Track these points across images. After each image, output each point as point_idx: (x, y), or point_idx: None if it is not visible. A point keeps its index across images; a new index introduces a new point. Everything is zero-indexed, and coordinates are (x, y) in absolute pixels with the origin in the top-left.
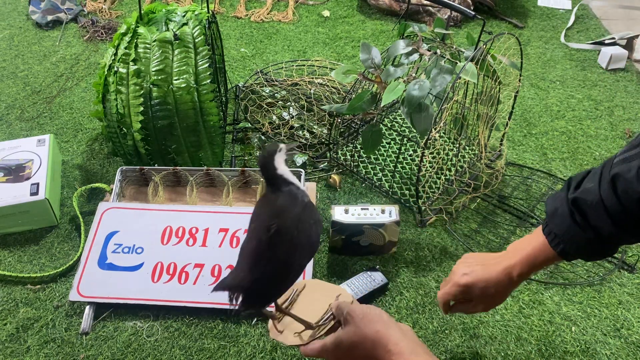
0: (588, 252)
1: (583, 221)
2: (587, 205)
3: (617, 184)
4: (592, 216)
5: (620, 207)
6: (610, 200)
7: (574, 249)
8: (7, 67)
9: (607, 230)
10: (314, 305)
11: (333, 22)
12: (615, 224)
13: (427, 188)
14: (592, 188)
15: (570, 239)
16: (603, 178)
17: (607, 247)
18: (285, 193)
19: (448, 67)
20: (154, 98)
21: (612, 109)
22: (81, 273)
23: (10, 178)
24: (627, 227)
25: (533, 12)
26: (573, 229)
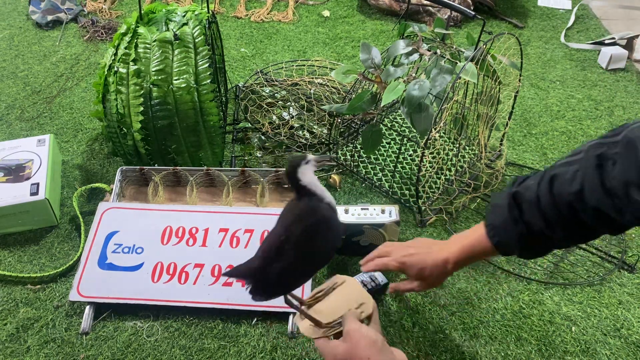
0: (520, 246)
1: (518, 215)
2: (523, 200)
3: (554, 184)
4: (526, 211)
5: (552, 206)
6: (545, 198)
7: (508, 242)
8: (7, 67)
9: (538, 226)
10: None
11: (333, 22)
12: (545, 221)
13: (427, 188)
14: (531, 185)
15: (505, 231)
16: (544, 178)
17: (537, 245)
18: (305, 203)
19: (448, 67)
20: (154, 98)
21: (612, 109)
22: (81, 273)
23: (10, 178)
24: (556, 227)
25: (533, 12)
26: (508, 221)
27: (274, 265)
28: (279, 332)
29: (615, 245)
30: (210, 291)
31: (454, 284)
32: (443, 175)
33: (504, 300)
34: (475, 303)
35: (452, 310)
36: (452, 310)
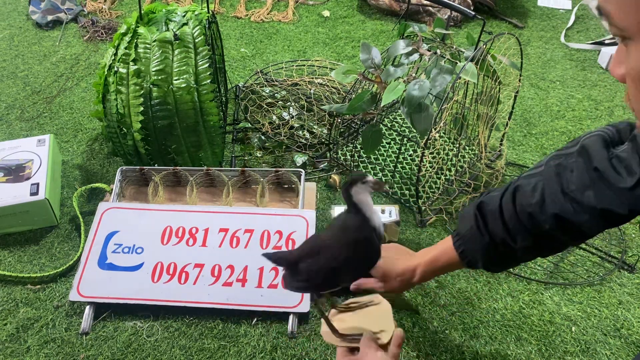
0: (484, 256)
1: (483, 224)
2: (488, 210)
3: (516, 195)
4: (490, 220)
5: (514, 216)
6: (507, 208)
7: (472, 252)
8: (7, 67)
9: (500, 236)
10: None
11: (333, 22)
12: (507, 231)
13: (427, 188)
14: (495, 196)
15: (470, 240)
16: (508, 189)
17: (500, 256)
18: (352, 219)
19: (448, 67)
20: (154, 98)
21: (612, 109)
22: (81, 273)
23: (10, 178)
24: (517, 236)
25: (533, 12)
26: (474, 231)
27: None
28: (279, 332)
29: (615, 245)
30: (210, 291)
31: (454, 284)
32: (443, 175)
33: (504, 300)
34: (475, 303)
35: (452, 310)
36: (452, 310)
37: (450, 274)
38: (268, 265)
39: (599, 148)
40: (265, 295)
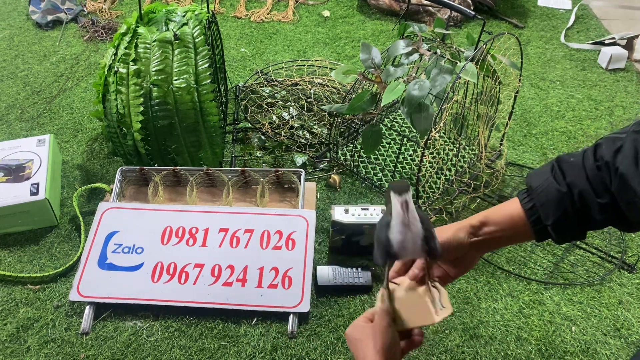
0: (557, 212)
1: (561, 176)
2: (567, 163)
3: (597, 150)
4: (569, 172)
5: (595, 169)
6: (589, 161)
7: (545, 206)
8: (7, 67)
9: (580, 186)
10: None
11: (333, 22)
12: (589, 181)
13: (427, 188)
14: (576, 153)
15: (543, 192)
16: (589, 148)
17: (576, 213)
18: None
19: (448, 67)
20: (154, 98)
21: (612, 109)
22: (81, 273)
23: (10, 178)
24: (599, 189)
25: (533, 12)
26: (549, 182)
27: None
28: (279, 332)
29: (615, 245)
30: (210, 291)
31: (454, 284)
32: (443, 175)
33: (504, 300)
34: (475, 303)
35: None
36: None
37: None
38: (268, 265)
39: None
40: (265, 295)
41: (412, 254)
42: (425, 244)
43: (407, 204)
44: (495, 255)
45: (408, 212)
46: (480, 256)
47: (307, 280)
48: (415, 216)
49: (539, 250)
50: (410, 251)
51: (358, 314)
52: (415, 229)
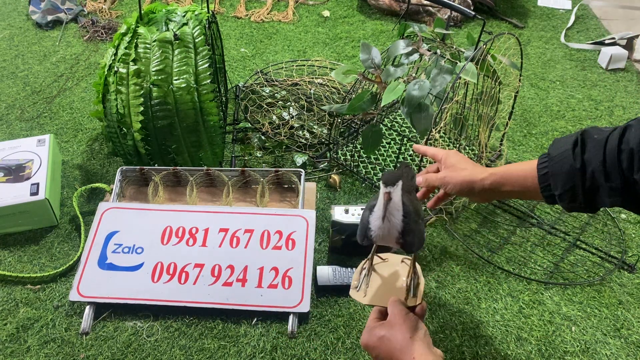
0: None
1: (580, 150)
2: (591, 139)
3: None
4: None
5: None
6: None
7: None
8: (7, 67)
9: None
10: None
11: (333, 22)
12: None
13: None
14: (605, 130)
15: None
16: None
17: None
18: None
19: (448, 67)
20: (154, 98)
21: (612, 109)
22: (81, 273)
23: (10, 178)
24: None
25: (533, 12)
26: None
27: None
28: (279, 332)
29: (615, 245)
30: (210, 291)
31: (454, 284)
32: None
33: (504, 300)
34: (475, 303)
35: (452, 310)
36: (452, 310)
37: (450, 274)
38: (268, 265)
39: None
40: (265, 295)
41: (386, 242)
42: (401, 237)
43: (390, 195)
44: (495, 255)
45: (390, 204)
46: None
47: (307, 280)
48: (398, 208)
49: (539, 250)
50: (386, 239)
51: (358, 314)
52: (395, 220)
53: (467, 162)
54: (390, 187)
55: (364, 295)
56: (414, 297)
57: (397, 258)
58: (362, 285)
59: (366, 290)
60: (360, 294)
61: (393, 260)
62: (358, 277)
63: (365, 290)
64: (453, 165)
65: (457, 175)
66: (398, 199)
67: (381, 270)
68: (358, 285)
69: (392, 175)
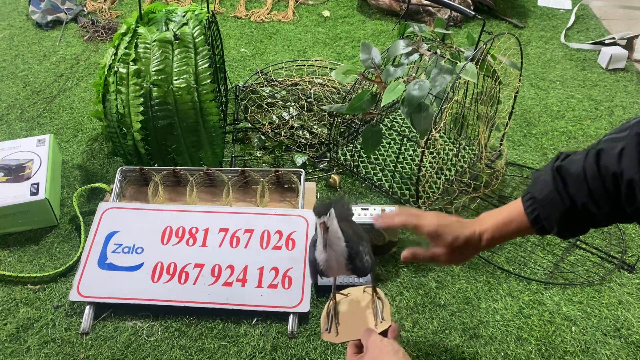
0: (560, 223)
1: (563, 188)
2: (569, 174)
3: (600, 158)
4: (571, 184)
5: (598, 179)
6: (590, 170)
7: (548, 218)
8: (7, 67)
9: (582, 200)
10: (368, 318)
11: (333, 22)
12: (591, 194)
13: (427, 188)
14: (577, 159)
15: (547, 205)
16: (589, 152)
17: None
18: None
19: (448, 67)
20: (154, 98)
21: (612, 109)
22: (81, 273)
23: (10, 178)
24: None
25: (533, 12)
26: (552, 195)
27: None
28: (279, 332)
29: (615, 245)
30: (210, 291)
31: (454, 284)
32: (443, 175)
33: (504, 300)
34: (475, 303)
35: (452, 310)
36: (452, 310)
37: (450, 273)
38: (268, 265)
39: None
40: (265, 295)
41: (338, 272)
42: (350, 262)
43: (326, 225)
44: (495, 255)
45: (328, 233)
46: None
47: (307, 280)
48: (338, 235)
49: (539, 250)
50: (336, 269)
51: None
52: (338, 248)
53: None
54: (323, 216)
55: (336, 335)
56: (383, 321)
57: (359, 289)
58: (331, 326)
59: (337, 329)
60: (332, 335)
61: (355, 293)
62: (326, 320)
63: (337, 330)
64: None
65: (462, 230)
66: (335, 227)
67: (346, 306)
68: (328, 327)
69: (321, 206)
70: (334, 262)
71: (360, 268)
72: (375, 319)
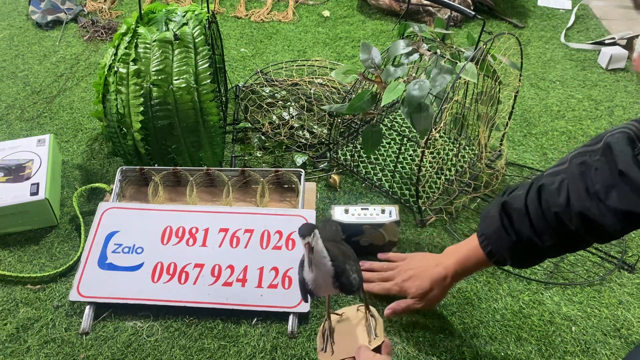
0: (512, 255)
1: (509, 223)
2: (512, 209)
3: (541, 195)
4: (516, 220)
5: (540, 214)
6: (532, 206)
7: (500, 251)
8: (7, 67)
9: (527, 234)
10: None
11: (333, 22)
12: (534, 229)
13: (427, 188)
14: (520, 195)
15: (496, 240)
16: (532, 187)
17: (528, 254)
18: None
19: (448, 67)
20: (154, 98)
21: (612, 109)
22: (81, 273)
23: (10, 178)
24: (544, 235)
25: (533, 12)
26: (499, 230)
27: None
28: (279, 332)
29: (615, 245)
30: (210, 291)
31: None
32: (443, 175)
33: (504, 300)
34: (475, 303)
35: (452, 310)
36: (452, 310)
37: None
38: (268, 265)
39: (623, 147)
40: (265, 295)
41: (326, 291)
42: (336, 280)
43: (310, 245)
44: None
45: (313, 253)
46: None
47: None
48: (324, 255)
49: None
50: (324, 288)
51: None
52: (325, 267)
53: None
54: (308, 237)
55: (332, 354)
56: (377, 338)
57: (352, 308)
58: (327, 346)
59: (333, 348)
60: (327, 354)
61: (349, 313)
62: (322, 340)
63: (332, 349)
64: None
65: (425, 275)
66: (320, 247)
67: (341, 326)
68: (324, 347)
69: (305, 227)
70: (322, 281)
71: (348, 286)
72: (369, 336)
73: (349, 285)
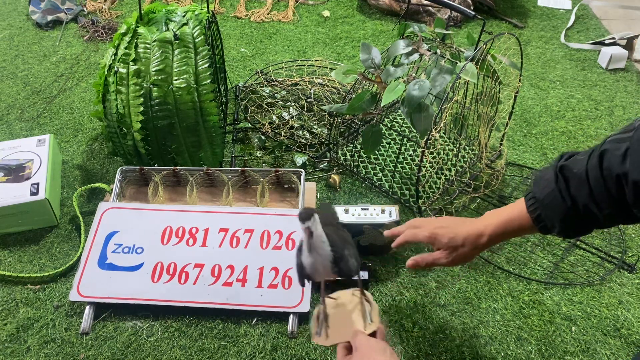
0: (562, 222)
1: (565, 188)
2: (571, 174)
3: (603, 159)
4: (573, 185)
5: (601, 180)
6: (593, 172)
7: (550, 217)
8: (7, 67)
9: (584, 201)
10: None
11: (333, 22)
12: (592, 196)
13: (427, 188)
14: (581, 159)
15: (548, 204)
16: (593, 153)
17: (580, 222)
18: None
19: (448, 67)
20: (154, 98)
21: (612, 109)
22: (81, 273)
23: (10, 178)
24: (602, 203)
25: (533, 12)
26: (554, 194)
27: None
28: (279, 332)
29: (615, 245)
30: (210, 291)
31: (454, 284)
32: (443, 175)
33: (504, 300)
34: (475, 303)
35: (452, 310)
36: (452, 310)
37: (450, 274)
38: (268, 265)
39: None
40: (265, 295)
41: (324, 275)
42: (335, 265)
43: (310, 230)
44: (495, 255)
45: (312, 238)
46: None
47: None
48: (323, 239)
49: (539, 250)
50: (322, 273)
51: None
52: (324, 252)
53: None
54: (307, 222)
55: (326, 338)
56: (372, 323)
57: (347, 293)
58: (322, 330)
59: (327, 333)
60: (322, 338)
61: (344, 297)
62: (316, 324)
63: (327, 333)
64: (448, 226)
65: (461, 229)
66: (320, 231)
67: (336, 309)
68: (318, 331)
69: (305, 211)
70: (320, 266)
71: (346, 271)
72: (364, 321)
73: (347, 270)
